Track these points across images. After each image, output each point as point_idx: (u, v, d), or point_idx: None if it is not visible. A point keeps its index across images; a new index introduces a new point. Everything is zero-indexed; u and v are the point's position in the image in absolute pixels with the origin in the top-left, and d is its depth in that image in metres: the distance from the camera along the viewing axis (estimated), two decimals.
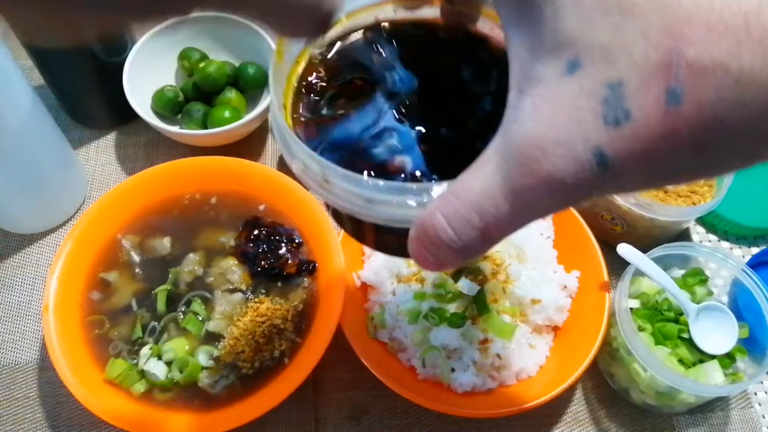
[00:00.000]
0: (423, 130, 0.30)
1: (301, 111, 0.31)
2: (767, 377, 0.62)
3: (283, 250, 0.61)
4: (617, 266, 0.60)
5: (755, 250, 0.70)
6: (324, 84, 0.32)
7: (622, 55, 0.21)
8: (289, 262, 0.60)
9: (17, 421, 0.58)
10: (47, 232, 0.69)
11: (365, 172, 0.28)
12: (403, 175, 0.29)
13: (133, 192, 0.63)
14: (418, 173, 0.29)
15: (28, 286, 0.66)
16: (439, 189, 0.26)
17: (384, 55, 0.32)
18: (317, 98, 0.31)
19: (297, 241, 0.62)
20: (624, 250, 0.58)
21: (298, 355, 0.56)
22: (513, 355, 0.57)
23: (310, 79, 0.32)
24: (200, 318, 0.58)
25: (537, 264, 0.62)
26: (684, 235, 0.70)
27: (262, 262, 0.60)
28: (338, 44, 0.33)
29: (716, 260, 0.59)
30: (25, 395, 0.60)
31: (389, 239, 0.33)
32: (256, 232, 0.61)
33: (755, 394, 0.62)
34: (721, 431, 0.60)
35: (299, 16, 0.27)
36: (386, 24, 0.33)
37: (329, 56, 0.33)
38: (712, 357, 0.56)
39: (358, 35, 0.33)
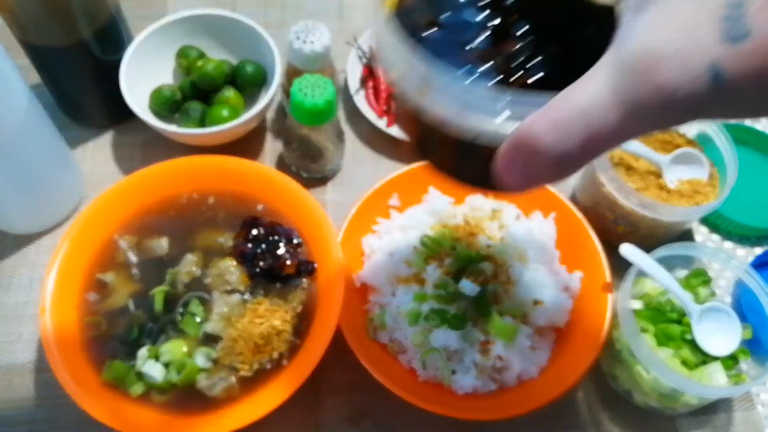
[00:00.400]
0: (521, 51, 0.30)
1: (399, 19, 0.32)
2: None
3: (281, 251, 0.60)
4: (620, 267, 0.60)
5: (759, 251, 0.70)
6: None
7: None
8: (288, 262, 0.59)
9: (14, 424, 0.58)
10: (43, 233, 0.68)
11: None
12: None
13: (130, 192, 0.62)
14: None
15: (25, 287, 0.65)
16: (540, 100, 0.25)
17: None
18: (416, 9, 0.32)
19: (296, 241, 0.61)
20: (626, 250, 0.58)
21: (297, 357, 0.56)
22: (514, 357, 0.57)
23: None
24: (198, 319, 0.57)
25: (539, 265, 0.61)
26: (687, 236, 0.69)
27: (261, 263, 0.59)
28: None
29: (719, 261, 0.58)
30: (22, 397, 0.59)
31: (471, 164, 0.33)
32: (254, 232, 0.61)
33: (758, 395, 0.62)
34: None
35: None
36: None
37: None
38: (715, 358, 0.56)
39: None
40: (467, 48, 0.31)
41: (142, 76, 0.71)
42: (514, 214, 0.64)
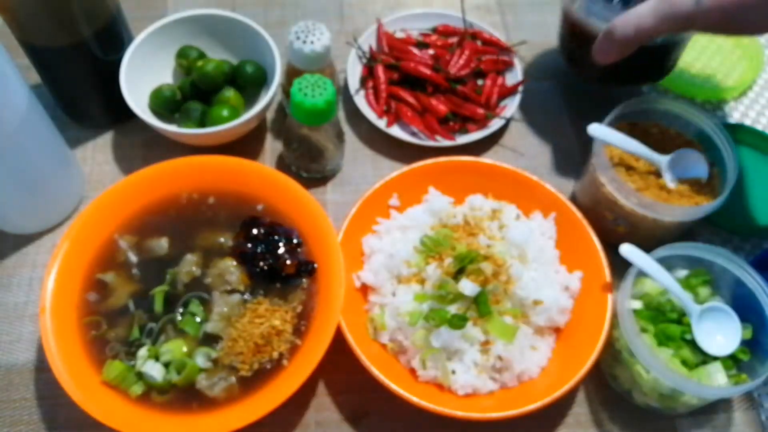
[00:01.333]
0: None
1: None
2: None
3: (281, 251, 0.60)
4: (620, 267, 0.60)
5: (759, 251, 0.70)
6: None
7: None
8: (288, 262, 0.59)
9: (14, 423, 0.58)
10: (44, 232, 0.68)
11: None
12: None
13: (130, 192, 0.62)
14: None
15: (25, 287, 0.65)
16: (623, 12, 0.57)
17: None
18: None
19: (296, 241, 0.61)
20: (626, 250, 0.58)
21: (298, 357, 0.56)
22: (514, 357, 0.57)
23: None
24: (198, 319, 0.57)
25: (539, 265, 0.61)
26: (687, 236, 0.69)
27: (261, 263, 0.59)
28: None
29: (720, 261, 0.58)
30: (22, 397, 0.59)
31: (584, 48, 0.64)
32: (254, 231, 0.61)
33: (758, 395, 0.62)
34: None
35: None
36: None
37: None
38: (715, 358, 0.56)
39: None
40: None
41: (142, 76, 0.71)
42: (514, 214, 0.64)
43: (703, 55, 0.85)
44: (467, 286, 0.56)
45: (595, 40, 0.61)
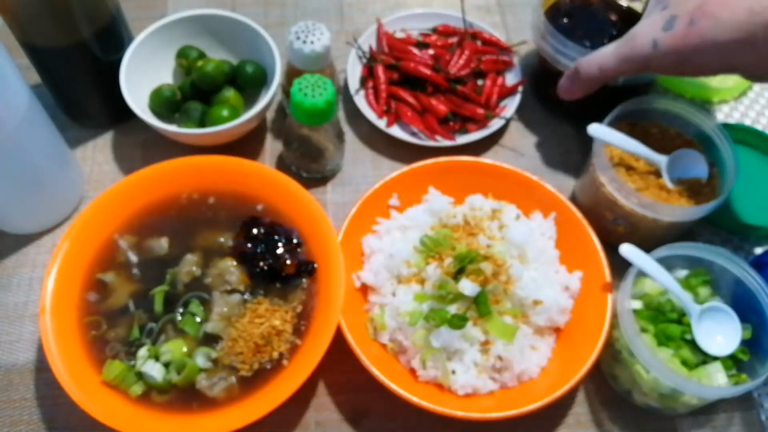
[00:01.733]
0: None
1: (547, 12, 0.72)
2: None
3: (281, 251, 0.60)
4: (620, 267, 0.60)
5: (759, 251, 0.70)
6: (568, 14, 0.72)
7: (678, 8, 0.55)
8: (288, 262, 0.59)
9: (14, 424, 0.58)
10: (44, 232, 0.68)
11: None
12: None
13: (130, 192, 0.63)
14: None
15: (25, 287, 0.65)
16: (589, 52, 0.62)
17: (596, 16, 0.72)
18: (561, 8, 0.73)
19: (296, 241, 0.61)
20: (626, 250, 0.58)
21: (298, 357, 0.56)
22: (514, 357, 0.57)
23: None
24: (198, 319, 0.57)
25: (539, 265, 0.61)
26: (687, 236, 0.69)
27: (261, 263, 0.59)
28: None
29: (720, 260, 0.58)
30: (22, 397, 0.59)
31: (551, 83, 0.68)
32: (254, 232, 0.61)
33: (758, 395, 0.62)
34: None
35: None
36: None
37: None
38: (715, 358, 0.56)
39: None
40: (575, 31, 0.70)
41: (142, 76, 0.71)
42: (514, 214, 0.64)
43: None
44: (467, 286, 0.56)
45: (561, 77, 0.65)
